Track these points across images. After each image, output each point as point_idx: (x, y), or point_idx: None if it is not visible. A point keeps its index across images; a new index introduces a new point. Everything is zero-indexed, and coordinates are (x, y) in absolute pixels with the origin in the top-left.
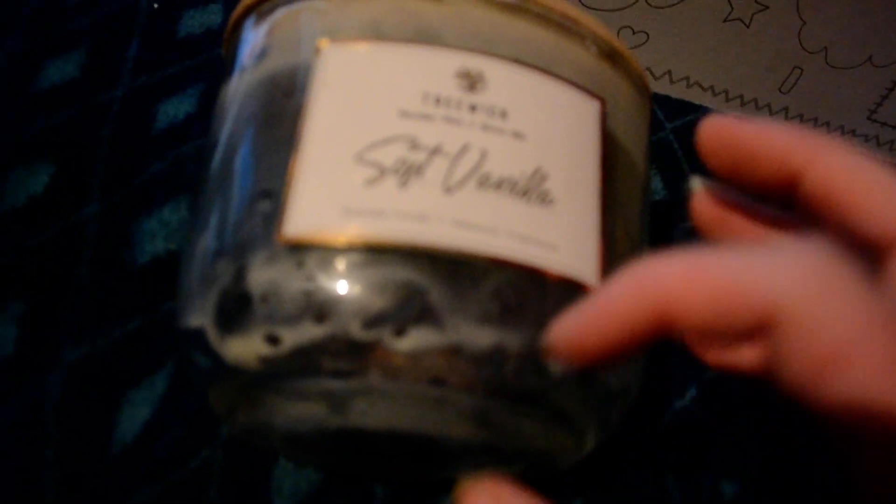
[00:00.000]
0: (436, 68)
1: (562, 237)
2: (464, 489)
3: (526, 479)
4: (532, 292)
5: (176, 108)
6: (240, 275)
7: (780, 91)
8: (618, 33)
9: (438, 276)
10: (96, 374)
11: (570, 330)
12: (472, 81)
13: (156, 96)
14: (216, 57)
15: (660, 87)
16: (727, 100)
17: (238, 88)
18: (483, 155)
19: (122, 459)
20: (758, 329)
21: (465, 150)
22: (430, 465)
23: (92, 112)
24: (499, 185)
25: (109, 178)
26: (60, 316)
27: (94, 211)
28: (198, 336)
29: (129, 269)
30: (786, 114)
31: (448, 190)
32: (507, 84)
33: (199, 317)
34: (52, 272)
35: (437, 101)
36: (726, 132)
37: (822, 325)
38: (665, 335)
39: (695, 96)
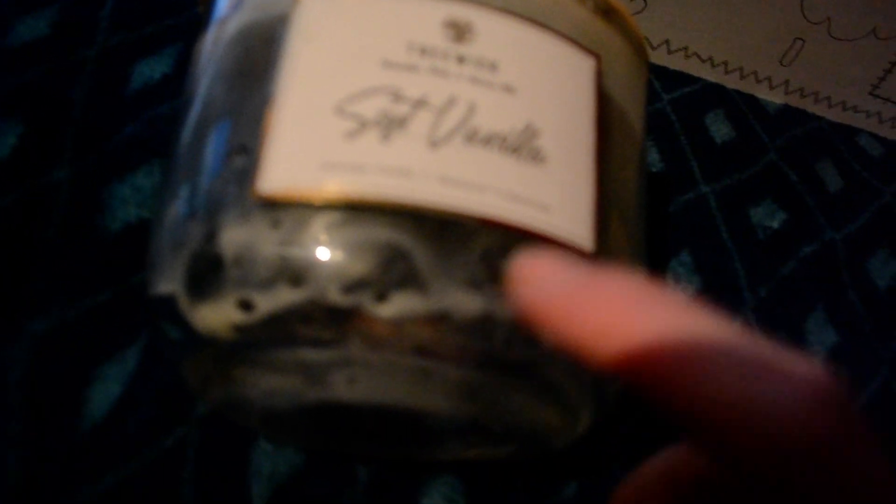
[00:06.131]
0: (421, 17)
1: (554, 197)
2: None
3: (517, 461)
4: None
5: (151, 69)
6: (211, 236)
7: (781, 63)
8: None
9: (423, 237)
10: (65, 346)
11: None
12: (459, 31)
13: (131, 56)
14: (194, 16)
15: (657, 58)
16: (726, 72)
17: (215, 40)
18: (471, 109)
19: (93, 437)
20: None
21: (451, 103)
22: (416, 445)
23: (63, 71)
24: (488, 141)
25: (81, 140)
26: (26, 284)
27: (64, 174)
28: (168, 304)
29: (100, 237)
30: (786, 87)
31: (433, 144)
32: (498, 35)
33: (169, 283)
34: (18, 238)
35: (423, 51)
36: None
37: None
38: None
39: (693, 67)
